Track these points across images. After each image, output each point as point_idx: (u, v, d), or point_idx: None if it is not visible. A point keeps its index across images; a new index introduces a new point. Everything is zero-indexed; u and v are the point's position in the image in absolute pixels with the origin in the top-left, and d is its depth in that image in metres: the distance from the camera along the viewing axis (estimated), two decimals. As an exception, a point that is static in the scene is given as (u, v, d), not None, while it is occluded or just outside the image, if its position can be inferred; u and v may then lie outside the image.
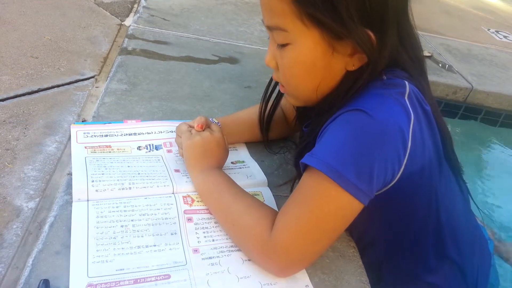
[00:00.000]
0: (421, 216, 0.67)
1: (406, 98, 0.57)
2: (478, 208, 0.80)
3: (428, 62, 1.76)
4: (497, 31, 2.51)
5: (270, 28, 0.61)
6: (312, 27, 0.56)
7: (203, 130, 0.74)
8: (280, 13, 0.57)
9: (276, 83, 0.77)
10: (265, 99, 0.81)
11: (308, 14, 0.55)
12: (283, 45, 0.60)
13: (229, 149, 0.84)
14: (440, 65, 1.77)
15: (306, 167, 0.59)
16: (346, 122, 0.56)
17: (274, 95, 0.81)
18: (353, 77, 0.60)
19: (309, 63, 0.60)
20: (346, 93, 0.60)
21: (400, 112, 0.56)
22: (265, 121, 0.84)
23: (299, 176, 0.62)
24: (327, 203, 0.55)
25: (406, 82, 0.59)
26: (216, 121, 0.81)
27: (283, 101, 0.83)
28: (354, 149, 0.54)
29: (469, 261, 0.74)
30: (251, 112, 0.88)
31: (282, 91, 0.70)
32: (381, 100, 0.57)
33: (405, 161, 0.56)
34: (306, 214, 0.56)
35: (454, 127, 1.75)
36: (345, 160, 0.54)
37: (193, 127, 0.75)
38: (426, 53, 1.81)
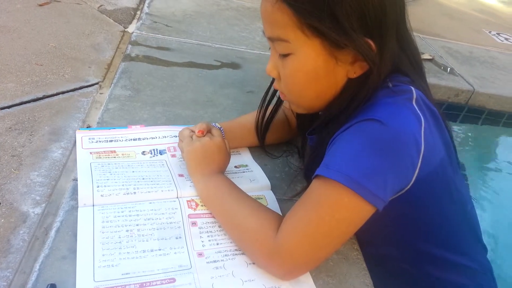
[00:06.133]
0: (449, 210, 0.69)
1: (414, 103, 0.59)
2: None
3: (430, 65, 1.77)
4: (498, 33, 2.52)
5: (271, 39, 0.62)
6: (313, 37, 0.57)
7: (204, 135, 0.75)
8: (281, 25, 0.58)
9: (275, 91, 0.78)
10: (263, 106, 0.82)
11: (308, 24, 0.56)
12: (284, 55, 0.61)
13: (233, 153, 0.84)
14: (442, 68, 1.77)
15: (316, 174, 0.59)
16: (361, 131, 0.57)
17: (272, 103, 0.81)
18: (356, 85, 0.61)
19: (311, 72, 0.61)
20: (351, 101, 0.61)
21: (412, 120, 0.57)
22: (263, 127, 0.85)
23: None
24: (339, 210, 0.56)
25: (412, 88, 0.60)
26: (219, 126, 0.82)
27: (286, 106, 0.84)
28: (370, 157, 0.55)
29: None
30: (254, 117, 0.89)
31: (283, 99, 0.71)
32: (394, 109, 0.58)
33: (419, 165, 0.57)
34: (315, 220, 0.56)
35: (456, 129, 1.76)
36: (361, 168, 0.55)
37: (194, 132, 0.76)
38: (427, 56, 1.82)
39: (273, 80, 0.71)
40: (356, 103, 0.60)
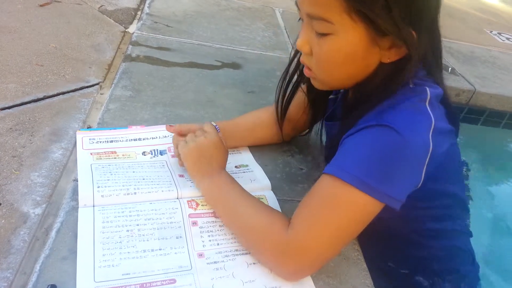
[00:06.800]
0: (450, 190, 0.72)
1: (427, 104, 0.61)
2: None
3: (431, 65, 1.76)
4: (499, 33, 2.51)
5: (311, 17, 0.61)
6: (360, 22, 0.57)
7: (195, 134, 0.74)
8: (326, 5, 0.57)
9: (295, 69, 0.77)
10: (283, 84, 0.81)
11: (358, 10, 0.56)
12: (323, 34, 0.61)
13: (233, 153, 0.84)
14: (443, 67, 1.77)
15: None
16: (376, 136, 0.59)
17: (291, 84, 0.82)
18: (388, 69, 0.62)
19: (350, 54, 0.61)
20: (384, 87, 0.62)
21: (424, 124, 0.59)
22: (284, 105, 0.84)
23: None
24: (354, 210, 0.57)
25: (427, 88, 0.63)
26: (214, 124, 0.81)
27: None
28: (384, 164, 0.57)
29: None
30: (253, 116, 0.89)
31: (307, 74, 0.69)
32: (409, 116, 0.59)
33: (427, 161, 0.60)
34: (329, 218, 0.57)
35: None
36: (375, 174, 0.57)
37: (185, 135, 0.76)
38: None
39: (296, 53, 0.72)
40: (388, 91, 0.62)
